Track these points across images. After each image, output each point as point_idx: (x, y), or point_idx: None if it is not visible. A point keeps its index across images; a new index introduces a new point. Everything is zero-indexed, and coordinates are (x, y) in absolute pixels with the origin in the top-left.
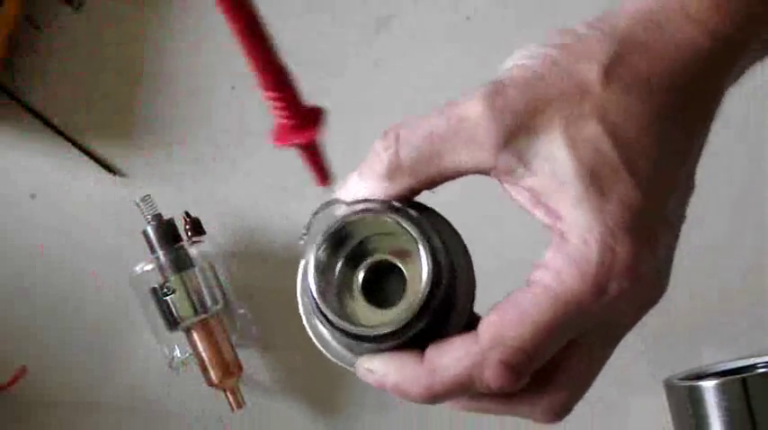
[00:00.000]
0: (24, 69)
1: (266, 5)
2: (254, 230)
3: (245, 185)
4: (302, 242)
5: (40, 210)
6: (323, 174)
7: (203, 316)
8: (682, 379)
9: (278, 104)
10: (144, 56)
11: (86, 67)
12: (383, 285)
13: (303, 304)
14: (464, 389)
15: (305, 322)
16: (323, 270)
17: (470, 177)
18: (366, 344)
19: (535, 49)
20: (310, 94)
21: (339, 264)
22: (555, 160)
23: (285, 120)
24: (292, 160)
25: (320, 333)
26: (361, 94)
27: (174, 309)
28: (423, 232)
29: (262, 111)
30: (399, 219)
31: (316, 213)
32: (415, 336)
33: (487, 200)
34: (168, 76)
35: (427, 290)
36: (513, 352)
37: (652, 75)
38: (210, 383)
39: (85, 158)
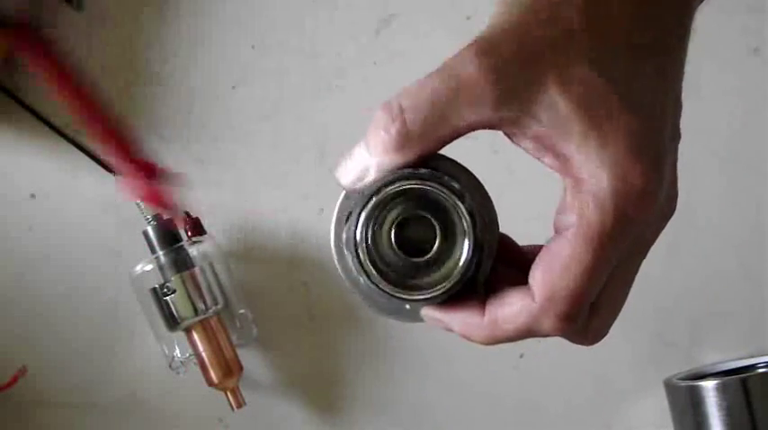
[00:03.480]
0: (24, 69)
1: (267, 6)
2: (254, 230)
3: (245, 185)
4: (337, 218)
5: (40, 210)
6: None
7: (203, 316)
8: (682, 379)
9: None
10: (144, 56)
11: (86, 67)
12: (411, 229)
13: (345, 269)
14: (523, 337)
15: (345, 281)
16: (370, 242)
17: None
18: (414, 304)
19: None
20: (310, 94)
21: (377, 231)
22: (554, 106)
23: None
24: (292, 161)
25: (359, 285)
26: (361, 94)
27: (174, 309)
28: (464, 204)
29: (262, 111)
30: (447, 194)
31: (343, 201)
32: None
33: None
34: (168, 76)
35: (466, 266)
36: (566, 302)
37: (623, 12)
38: (210, 383)
39: (85, 158)
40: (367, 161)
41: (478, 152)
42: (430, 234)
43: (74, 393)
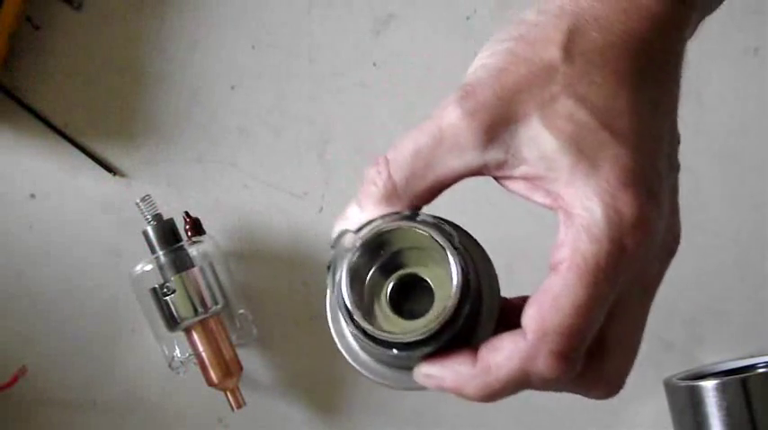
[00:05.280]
0: (24, 69)
1: (266, 7)
2: (254, 230)
3: (245, 185)
4: (330, 271)
5: (40, 210)
6: None
7: (203, 316)
8: (682, 379)
9: None
10: (144, 56)
11: (86, 67)
12: (410, 299)
13: (333, 319)
14: (520, 384)
15: (336, 340)
16: (354, 281)
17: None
18: (399, 352)
19: (494, 45)
20: (310, 94)
21: (369, 276)
22: (539, 143)
23: None
24: (292, 160)
25: (352, 348)
26: (361, 94)
27: (174, 309)
28: (450, 240)
29: (262, 111)
30: (428, 229)
31: (333, 247)
32: (451, 340)
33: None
34: (168, 76)
35: (456, 298)
36: (560, 339)
37: (607, 45)
38: (210, 383)
39: (85, 158)
40: (359, 218)
41: None
42: (426, 300)
43: (74, 393)
